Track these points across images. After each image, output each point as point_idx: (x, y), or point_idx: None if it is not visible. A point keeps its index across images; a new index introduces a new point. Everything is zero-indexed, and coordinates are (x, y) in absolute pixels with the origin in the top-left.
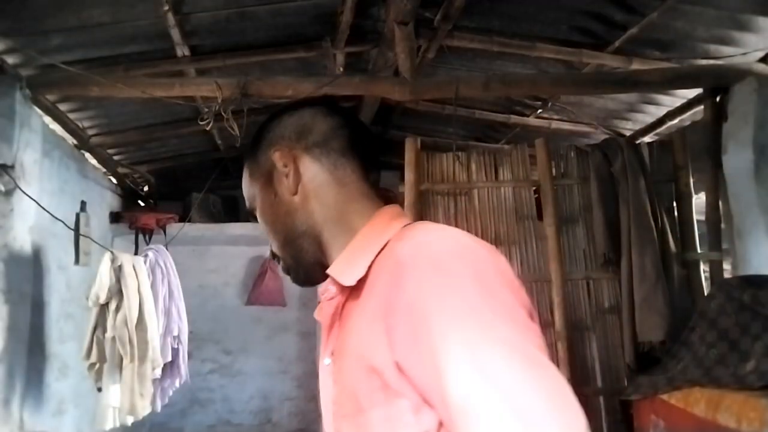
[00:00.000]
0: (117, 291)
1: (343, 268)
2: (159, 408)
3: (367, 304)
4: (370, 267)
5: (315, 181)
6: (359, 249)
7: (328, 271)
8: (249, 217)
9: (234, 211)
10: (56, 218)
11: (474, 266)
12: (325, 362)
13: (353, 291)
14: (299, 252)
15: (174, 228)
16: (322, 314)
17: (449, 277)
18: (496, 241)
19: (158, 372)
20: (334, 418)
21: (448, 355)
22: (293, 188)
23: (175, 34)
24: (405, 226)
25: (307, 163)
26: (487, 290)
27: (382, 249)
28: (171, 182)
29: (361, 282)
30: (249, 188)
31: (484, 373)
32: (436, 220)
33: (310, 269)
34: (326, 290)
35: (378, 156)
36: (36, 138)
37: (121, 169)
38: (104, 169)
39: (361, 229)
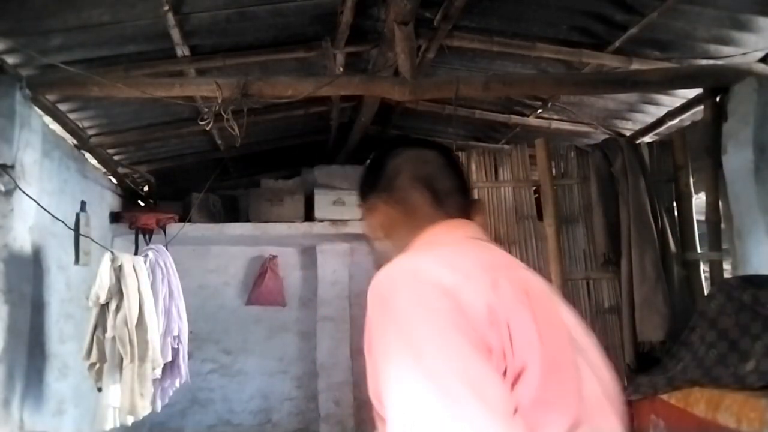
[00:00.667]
0: (117, 291)
1: None
2: (159, 408)
3: None
4: None
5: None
6: None
7: None
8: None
9: (234, 211)
10: (56, 218)
11: (409, 300)
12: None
13: None
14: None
15: (174, 228)
16: None
17: (385, 310)
18: (496, 241)
19: (158, 372)
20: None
21: (386, 382)
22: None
23: (175, 34)
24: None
25: (386, 207)
26: (413, 326)
27: None
28: (171, 182)
29: None
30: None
31: (402, 399)
32: None
33: None
34: None
35: None
36: (36, 138)
37: (121, 169)
38: (104, 169)
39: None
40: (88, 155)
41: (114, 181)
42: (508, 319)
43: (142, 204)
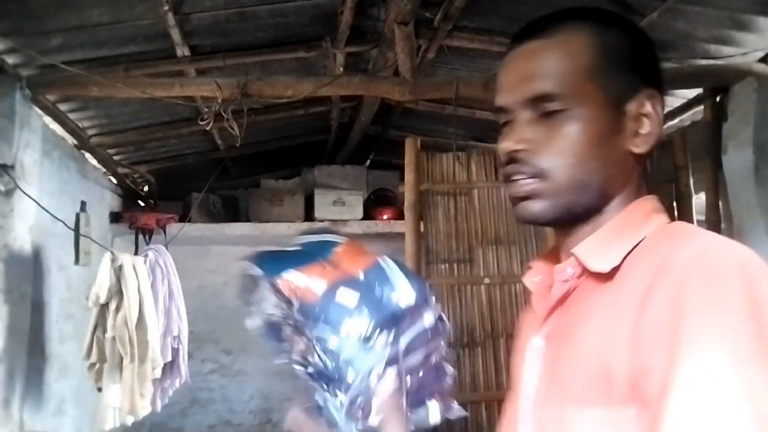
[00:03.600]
0: (117, 291)
1: (594, 253)
2: (159, 408)
3: (615, 299)
4: (623, 259)
5: (650, 148)
6: (615, 236)
7: (574, 251)
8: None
9: (234, 211)
10: (56, 218)
11: (755, 289)
12: (534, 343)
13: (591, 277)
14: (580, 205)
15: (174, 228)
16: (543, 292)
17: (724, 296)
18: (496, 241)
19: (158, 372)
20: (535, 405)
21: (687, 374)
22: (642, 148)
23: (175, 34)
24: (667, 224)
25: (658, 128)
26: (760, 320)
27: (638, 243)
28: (171, 182)
29: (610, 272)
30: (575, 79)
31: (712, 406)
32: (436, 220)
33: (568, 217)
34: (563, 270)
35: None
36: (36, 138)
37: (121, 169)
38: (104, 169)
39: (616, 212)
40: (88, 155)
41: (114, 181)
42: None
43: (142, 204)
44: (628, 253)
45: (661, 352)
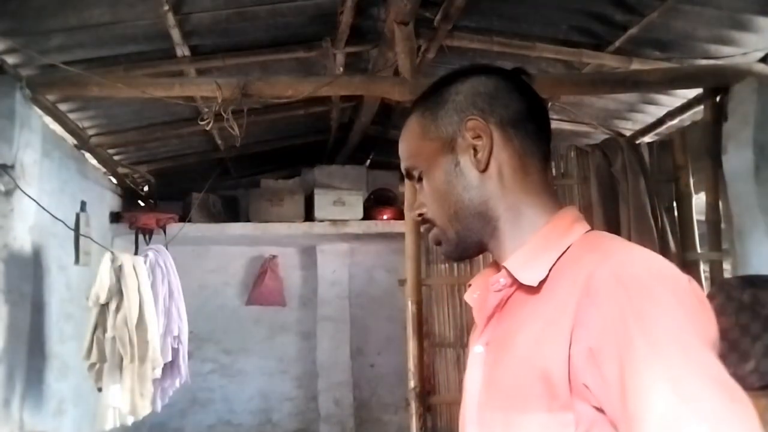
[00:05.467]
0: (117, 291)
1: (523, 266)
2: (159, 408)
3: (544, 308)
4: (550, 269)
5: (505, 163)
6: (541, 249)
7: (505, 265)
8: (404, 177)
9: (234, 211)
10: (56, 218)
11: (676, 292)
12: (476, 350)
13: (523, 287)
14: (467, 230)
15: (174, 228)
16: (481, 304)
17: (654, 301)
18: None
19: (158, 372)
20: (478, 408)
21: (651, 378)
22: (483, 164)
23: (175, 34)
24: (586, 232)
25: (501, 142)
26: (689, 318)
27: (563, 253)
28: (171, 182)
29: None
30: (417, 147)
31: (685, 400)
32: None
33: (469, 248)
34: (496, 282)
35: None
36: (36, 138)
37: (121, 169)
38: (104, 169)
39: (540, 226)
40: (88, 155)
41: (114, 181)
42: None
43: (142, 204)
44: (555, 263)
45: (610, 363)
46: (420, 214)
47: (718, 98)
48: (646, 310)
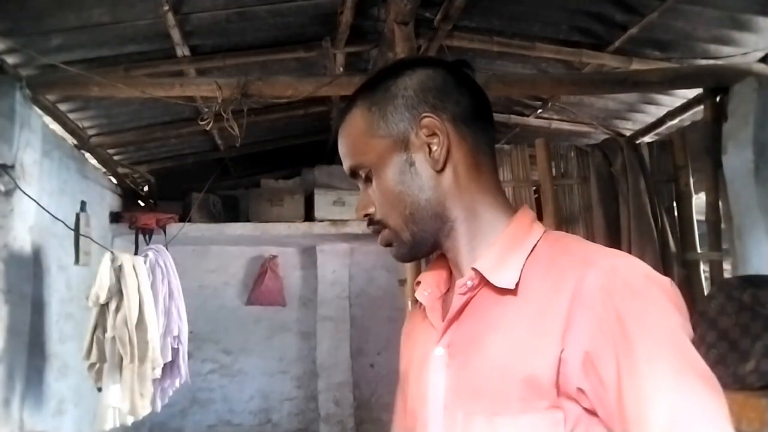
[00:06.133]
0: (117, 291)
1: (495, 268)
2: (159, 408)
3: (522, 310)
4: (521, 271)
5: (460, 162)
6: (509, 250)
7: (476, 267)
8: (350, 177)
9: (234, 211)
10: (56, 218)
11: (666, 294)
12: (436, 353)
13: (490, 289)
14: (423, 231)
15: (174, 228)
16: (434, 303)
17: (648, 304)
18: None
19: (158, 372)
20: (444, 411)
21: (654, 378)
22: (441, 164)
23: (175, 34)
24: (545, 232)
25: (455, 140)
26: (679, 318)
27: (529, 253)
28: (171, 182)
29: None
30: (364, 145)
31: (686, 401)
32: None
33: (423, 249)
34: (463, 285)
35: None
36: (36, 138)
37: (121, 169)
38: (104, 169)
39: (501, 226)
40: (88, 155)
41: (114, 181)
42: None
43: (142, 204)
44: (524, 264)
45: (612, 367)
46: (367, 215)
47: (718, 98)
48: (643, 313)
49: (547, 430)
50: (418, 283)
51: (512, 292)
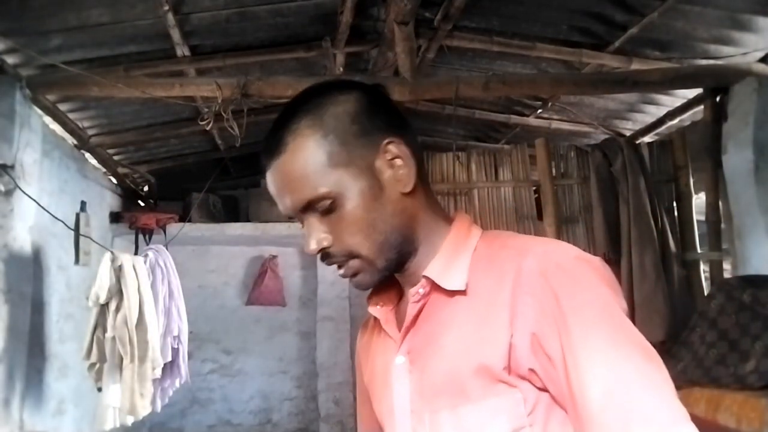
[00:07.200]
0: (117, 291)
1: (443, 273)
2: (159, 408)
3: (470, 307)
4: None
5: (419, 180)
6: (453, 254)
7: (426, 275)
8: (297, 213)
9: (234, 211)
10: (56, 218)
11: (596, 271)
12: (397, 361)
13: (439, 293)
14: (397, 255)
15: (174, 228)
16: (388, 315)
17: (580, 282)
18: None
19: (158, 372)
20: (412, 415)
21: (588, 352)
22: (410, 186)
23: (175, 34)
24: (484, 233)
25: (412, 161)
26: (610, 292)
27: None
28: (171, 182)
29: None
30: (323, 176)
31: (621, 369)
32: None
33: (388, 273)
34: (415, 293)
35: None
36: (36, 138)
37: (121, 169)
38: (104, 169)
39: (444, 233)
40: (88, 155)
41: (114, 181)
42: None
43: (142, 204)
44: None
45: (556, 344)
46: (322, 249)
47: (718, 98)
48: (575, 290)
49: (509, 409)
50: (370, 298)
51: (462, 292)
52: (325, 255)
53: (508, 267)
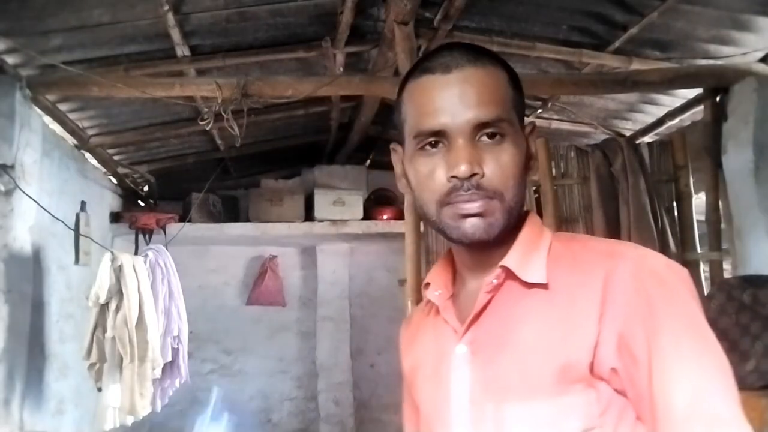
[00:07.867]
0: (117, 291)
1: (523, 266)
2: (159, 408)
3: (553, 303)
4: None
5: None
6: (530, 249)
7: (506, 264)
8: (472, 128)
9: (234, 211)
10: (56, 218)
11: (687, 281)
12: (458, 350)
13: (514, 285)
14: (513, 224)
15: (174, 228)
16: (452, 305)
17: (673, 290)
18: None
19: (158, 372)
20: (471, 406)
21: (677, 363)
22: (535, 172)
23: (175, 34)
24: (554, 233)
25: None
26: (698, 302)
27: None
28: (171, 182)
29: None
30: (507, 108)
31: (707, 383)
32: None
33: (501, 233)
34: (489, 283)
35: None
36: (36, 138)
37: (121, 169)
38: (104, 169)
39: (518, 227)
40: (88, 155)
41: (114, 181)
42: None
43: (142, 204)
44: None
45: (644, 346)
46: (474, 174)
47: (718, 98)
48: (668, 297)
49: (582, 408)
50: (427, 284)
51: (542, 286)
52: (464, 186)
53: (597, 268)
